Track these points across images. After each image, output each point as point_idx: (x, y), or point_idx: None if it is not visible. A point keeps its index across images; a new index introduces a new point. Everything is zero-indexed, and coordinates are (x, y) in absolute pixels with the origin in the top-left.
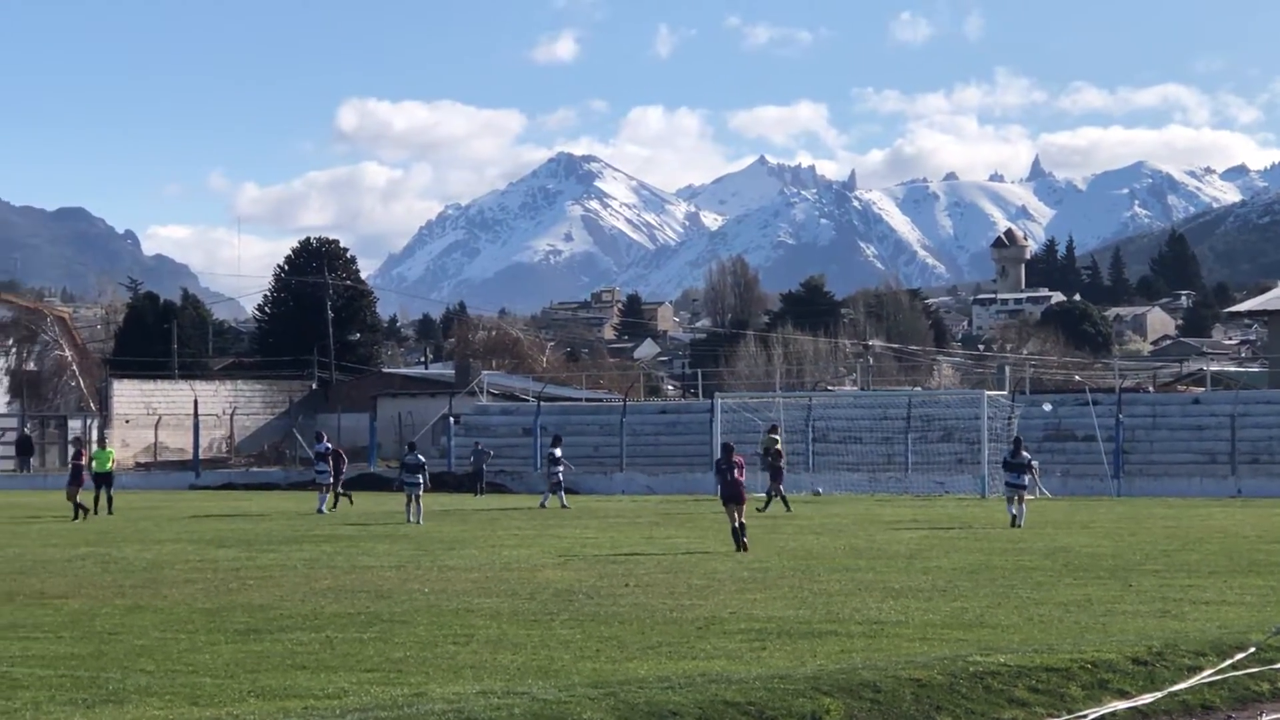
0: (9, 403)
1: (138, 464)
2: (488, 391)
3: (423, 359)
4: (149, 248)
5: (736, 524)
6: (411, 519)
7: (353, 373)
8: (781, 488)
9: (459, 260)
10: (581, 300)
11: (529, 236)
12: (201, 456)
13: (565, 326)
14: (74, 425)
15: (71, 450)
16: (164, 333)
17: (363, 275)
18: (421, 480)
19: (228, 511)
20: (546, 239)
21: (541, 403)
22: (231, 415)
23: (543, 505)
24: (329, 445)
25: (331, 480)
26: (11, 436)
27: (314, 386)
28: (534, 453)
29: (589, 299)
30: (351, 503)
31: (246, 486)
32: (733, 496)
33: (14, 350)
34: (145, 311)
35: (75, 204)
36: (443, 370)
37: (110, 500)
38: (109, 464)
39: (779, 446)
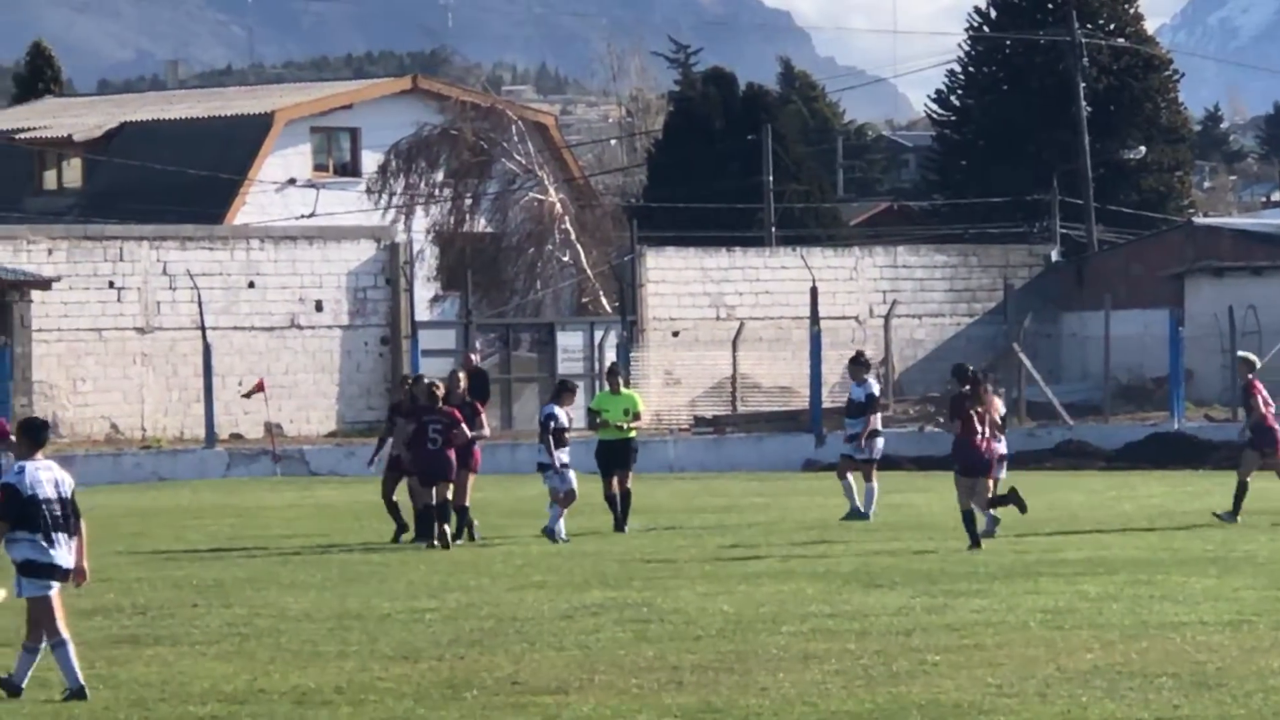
0: (437, 298)
1: (697, 419)
2: None
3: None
4: None
5: (989, 502)
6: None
7: (1133, 227)
8: None
9: None
10: None
11: None
12: (827, 404)
13: None
14: (566, 341)
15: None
16: (743, 151)
17: (1148, 27)
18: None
19: (884, 514)
20: None
21: None
22: (886, 318)
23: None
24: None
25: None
26: (444, 367)
27: (1053, 257)
28: None
29: None
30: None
31: (918, 463)
32: (981, 466)
33: (448, 192)
34: (706, 110)
35: None
36: None
37: (627, 497)
38: (626, 424)
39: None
